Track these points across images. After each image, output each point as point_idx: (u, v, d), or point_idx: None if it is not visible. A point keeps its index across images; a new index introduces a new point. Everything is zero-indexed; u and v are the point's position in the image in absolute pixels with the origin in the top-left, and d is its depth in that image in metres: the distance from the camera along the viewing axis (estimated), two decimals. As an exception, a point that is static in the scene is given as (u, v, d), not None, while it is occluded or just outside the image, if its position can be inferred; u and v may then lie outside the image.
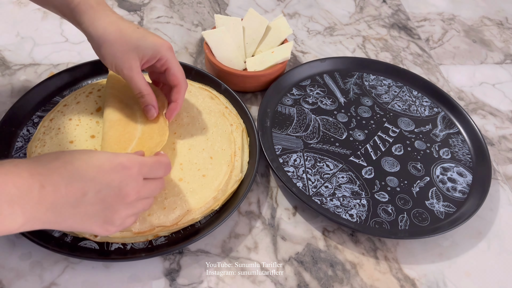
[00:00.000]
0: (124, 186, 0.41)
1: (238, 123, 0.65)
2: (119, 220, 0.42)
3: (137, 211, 0.44)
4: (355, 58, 0.80)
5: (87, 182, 0.40)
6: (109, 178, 0.41)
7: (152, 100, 0.55)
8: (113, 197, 0.41)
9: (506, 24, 1.01)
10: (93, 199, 0.40)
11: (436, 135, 0.70)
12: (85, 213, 0.40)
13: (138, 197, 0.43)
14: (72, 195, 0.39)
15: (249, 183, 0.57)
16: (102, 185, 0.40)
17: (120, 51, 0.52)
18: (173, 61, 0.55)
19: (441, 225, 0.58)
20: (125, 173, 0.41)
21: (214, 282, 0.51)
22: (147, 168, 0.44)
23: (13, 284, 0.49)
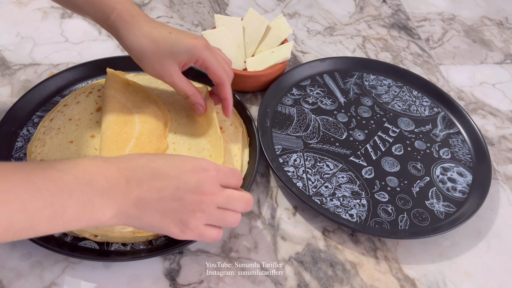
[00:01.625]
0: (200, 185, 0.43)
1: (238, 123, 0.65)
2: (195, 222, 0.43)
3: (215, 219, 0.44)
4: (355, 58, 0.80)
5: (167, 180, 0.42)
6: (188, 177, 0.42)
7: (198, 99, 0.57)
8: (189, 195, 0.42)
9: (506, 24, 1.01)
10: (172, 195, 0.41)
11: (436, 135, 0.70)
12: (164, 210, 0.42)
13: (215, 201, 0.43)
14: (153, 191, 0.41)
15: (249, 183, 0.57)
16: (181, 183, 0.42)
17: (157, 62, 0.53)
18: (211, 59, 0.54)
19: (441, 225, 0.58)
20: (203, 174, 0.43)
21: (214, 282, 0.51)
22: (223, 173, 0.45)
23: (13, 284, 0.49)
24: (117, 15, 0.53)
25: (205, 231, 0.44)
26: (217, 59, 0.55)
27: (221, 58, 0.57)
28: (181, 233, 0.43)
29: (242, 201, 0.46)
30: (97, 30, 0.81)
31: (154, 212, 0.41)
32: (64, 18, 0.82)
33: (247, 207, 0.46)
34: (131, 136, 0.56)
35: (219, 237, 0.45)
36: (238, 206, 0.46)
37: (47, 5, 0.84)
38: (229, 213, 0.45)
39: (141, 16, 0.54)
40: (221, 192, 0.44)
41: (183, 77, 0.56)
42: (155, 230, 0.43)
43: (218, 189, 0.44)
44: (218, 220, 0.45)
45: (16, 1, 0.84)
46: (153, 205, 0.41)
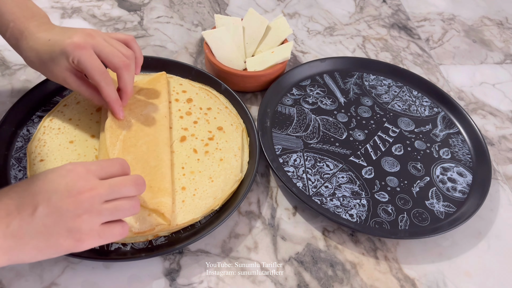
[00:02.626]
0: (72, 186, 0.39)
1: (238, 123, 0.65)
2: (87, 226, 0.39)
3: (108, 214, 0.40)
4: (355, 58, 0.80)
5: (35, 195, 0.38)
6: (55, 184, 0.39)
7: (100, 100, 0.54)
8: (65, 200, 0.38)
9: (506, 24, 1.01)
10: (46, 209, 0.38)
11: (436, 135, 0.70)
12: (44, 228, 0.37)
13: (97, 195, 0.39)
14: (25, 213, 0.37)
15: (249, 183, 0.57)
16: (50, 192, 0.38)
17: (48, 71, 0.52)
18: (86, 62, 0.49)
19: (441, 225, 0.58)
20: (71, 175, 0.39)
21: (214, 282, 0.51)
22: (95, 166, 0.41)
23: (13, 284, 0.49)
24: (10, 34, 0.52)
25: (104, 230, 0.40)
26: (93, 61, 0.49)
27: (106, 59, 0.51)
28: (77, 243, 0.39)
29: (129, 183, 0.42)
30: (97, 30, 0.81)
31: (36, 234, 0.37)
32: (64, 18, 0.82)
33: (139, 188, 0.42)
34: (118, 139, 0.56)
35: (125, 230, 0.42)
36: (127, 191, 0.41)
37: (47, 5, 0.84)
38: (122, 202, 0.41)
39: (29, 28, 0.52)
40: (101, 184, 0.40)
41: (78, 81, 0.52)
42: (48, 254, 0.38)
43: (95, 183, 0.40)
44: (112, 214, 0.40)
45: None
46: (30, 228, 0.37)
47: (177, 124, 0.63)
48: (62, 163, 0.55)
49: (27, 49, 0.52)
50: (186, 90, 0.67)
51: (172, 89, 0.67)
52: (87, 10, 0.84)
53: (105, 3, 0.86)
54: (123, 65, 0.51)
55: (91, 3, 0.85)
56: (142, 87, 0.64)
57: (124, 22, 0.83)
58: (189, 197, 0.55)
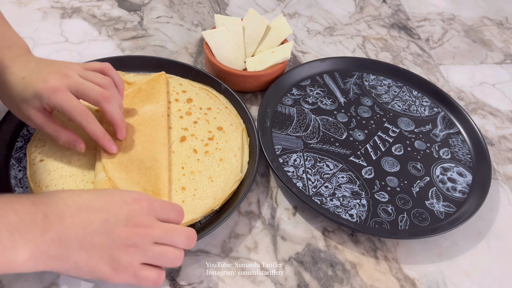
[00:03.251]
0: (132, 216, 0.39)
1: (238, 123, 0.65)
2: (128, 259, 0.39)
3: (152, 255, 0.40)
4: (355, 58, 0.80)
5: (94, 212, 0.38)
6: (117, 209, 0.39)
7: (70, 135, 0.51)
8: (121, 227, 0.38)
9: (506, 24, 1.01)
10: (99, 229, 0.37)
11: (436, 135, 0.70)
12: (91, 246, 0.37)
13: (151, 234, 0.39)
14: (77, 225, 0.37)
15: (249, 183, 0.57)
16: (110, 215, 0.38)
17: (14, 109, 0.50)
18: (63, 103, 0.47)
19: (441, 225, 0.58)
20: (135, 205, 0.40)
21: (214, 282, 0.51)
22: (158, 205, 0.41)
23: (13, 284, 0.49)
24: None
25: (141, 271, 0.39)
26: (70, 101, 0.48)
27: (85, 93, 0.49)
28: (112, 272, 0.38)
29: (183, 234, 0.42)
30: (97, 30, 0.81)
31: (79, 250, 0.37)
32: (64, 18, 0.82)
33: (189, 242, 0.42)
34: None
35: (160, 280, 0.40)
36: (179, 241, 0.41)
37: (47, 5, 0.84)
38: (169, 249, 0.41)
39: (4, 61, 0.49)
40: (158, 225, 0.40)
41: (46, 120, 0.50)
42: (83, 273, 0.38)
43: (153, 222, 0.40)
44: (156, 257, 0.40)
45: (16, 1, 0.84)
46: (77, 241, 0.37)
47: (177, 124, 0.63)
48: (62, 163, 0.55)
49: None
50: (186, 90, 0.67)
51: (172, 89, 0.67)
52: (87, 10, 0.84)
53: (105, 3, 0.86)
54: (102, 98, 0.50)
55: (91, 3, 0.85)
56: (141, 87, 0.64)
57: (124, 22, 0.83)
58: (189, 197, 0.55)
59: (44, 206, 0.36)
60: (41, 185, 0.53)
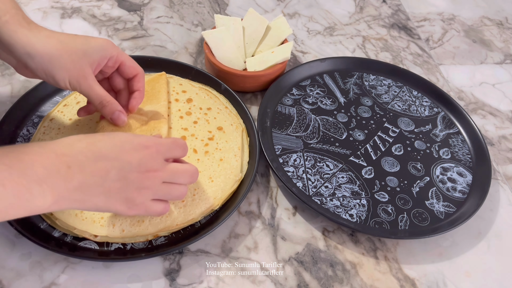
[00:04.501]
0: (143, 163, 0.43)
1: (238, 123, 0.65)
2: (141, 198, 0.44)
3: (161, 193, 0.45)
4: (355, 58, 0.80)
5: (110, 161, 0.42)
6: (130, 157, 0.43)
7: (117, 105, 0.53)
8: (134, 174, 0.43)
9: (506, 24, 1.01)
10: (116, 176, 0.42)
11: (436, 135, 0.70)
12: (109, 191, 0.42)
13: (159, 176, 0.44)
14: (97, 174, 0.41)
15: (249, 183, 0.57)
16: (124, 163, 0.42)
17: (69, 62, 0.48)
18: (124, 55, 0.54)
19: (441, 225, 0.58)
20: (145, 152, 0.44)
21: (214, 282, 0.51)
22: (165, 147, 0.46)
23: (13, 284, 0.49)
24: (11, 17, 0.47)
25: (151, 206, 0.45)
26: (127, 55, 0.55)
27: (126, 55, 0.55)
28: (127, 209, 0.44)
29: (187, 174, 0.47)
30: (97, 30, 0.81)
31: (99, 194, 0.42)
32: (64, 18, 0.82)
33: (192, 179, 0.48)
34: None
35: (166, 210, 0.47)
36: (183, 179, 0.47)
37: (47, 5, 0.84)
38: (175, 187, 0.46)
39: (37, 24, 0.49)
40: (165, 167, 0.45)
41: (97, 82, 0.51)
42: (100, 210, 0.44)
43: (162, 165, 0.45)
44: (164, 195, 0.46)
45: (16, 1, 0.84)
46: (97, 188, 0.41)
47: (177, 124, 0.63)
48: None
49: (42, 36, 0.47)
50: (186, 90, 0.67)
51: (172, 89, 0.67)
52: (87, 10, 0.84)
53: (105, 3, 0.86)
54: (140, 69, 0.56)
55: (91, 3, 0.85)
56: None
57: (124, 22, 0.83)
58: (189, 197, 0.55)
59: (66, 158, 0.40)
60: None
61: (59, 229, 0.52)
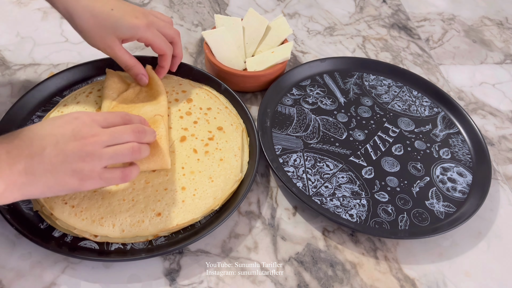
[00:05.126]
0: (77, 131, 0.43)
1: (238, 123, 0.65)
2: (89, 168, 0.43)
3: (108, 157, 0.44)
4: (355, 58, 0.80)
5: (44, 139, 0.43)
6: (63, 129, 0.43)
7: (141, 69, 0.61)
8: (71, 144, 0.43)
9: (506, 24, 1.01)
10: (53, 151, 0.42)
11: (436, 135, 0.70)
12: (52, 167, 0.42)
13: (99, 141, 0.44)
14: (34, 153, 0.42)
15: (249, 183, 0.57)
16: (58, 136, 0.43)
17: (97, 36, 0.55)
18: (153, 38, 0.58)
19: (441, 225, 0.58)
20: (77, 122, 0.44)
21: (214, 282, 0.51)
22: (101, 117, 0.46)
23: (13, 284, 0.49)
24: None
25: (105, 173, 0.45)
26: (158, 36, 0.59)
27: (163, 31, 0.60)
28: (81, 182, 0.43)
29: (128, 131, 0.47)
30: (97, 30, 0.80)
31: (44, 173, 0.42)
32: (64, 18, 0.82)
33: (138, 135, 0.47)
34: None
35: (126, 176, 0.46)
36: (126, 137, 0.46)
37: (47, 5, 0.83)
38: (120, 147, 0.45)
39: None
40: (103, 131, 0.45)
41: (124, 50, 0.58)
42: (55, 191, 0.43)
43: (98, 130, 0.45)
44: (112, 157, 0.45)
45: (16, 1, 0.84)
46: (40, 166, 0.42)
47: (177, 124, 0.63)
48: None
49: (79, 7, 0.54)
50: (186, 90, 0.67)
51: (172, 89, 0.67)
52: (87, 10, 0.84)
53: (105, 3, 0.86)
54: (177, 34, 0.62)
55: (91, 3, 0.85)
56: (141, 88, 0.64)
57: (124, 22, 0.83)
58: (189, 197, 0.55)
59: (4, 144, 0.41)
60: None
61: (59, 229, 0.52)
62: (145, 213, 0.53)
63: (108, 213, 0.52)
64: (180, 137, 0.61)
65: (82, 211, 0.51)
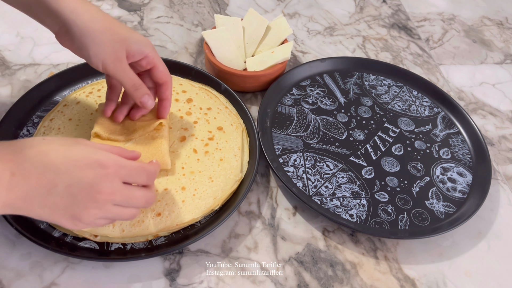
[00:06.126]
0: (96, 184, 0.40)
1: (238, 123, 0.65)
2: (88, 218, 0.41)
3: (110, 215, 0.42)
4: (355, 58, 0.80)
5: (59, 175, 0.39)
6: (82, 174, 0.40)
7: (147, 90, 0.53)
8: (83, 194, 0.40)
9: (506, 24, 1.01)
10: (63, 192, 0.39)
11: (436, 135, 0.70)
12: (53, 205, 0.39)
13: (112, 200, 0.41)
14: (42, 186, 0.39)
15: (249, 183, 0.57)
16: (74, 180, 0.39)
17: (110, 41, 0.48)
18: (159, 59, 0.53)
19: (441, 225, 0.58)
20: (100, 171, 0.40)
21: (214, 282, 0.51)
22: (126, 171, 0.42)
23: (13, 284, 0.49)
24: None
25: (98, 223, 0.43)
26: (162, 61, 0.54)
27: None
28: (73, 225, 0.41)
29: (142, 199, 0.44)
30: (97, 30, 0.80)
31: (43, 207, 0.39)
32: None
33: (146, 205, 0.45)
34: None
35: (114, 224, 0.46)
36: (136, 204, 0.44)
37: (47, 5, 0.83)
38: (126, 210, 0.43)
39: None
40: (120, 191, 0.42)
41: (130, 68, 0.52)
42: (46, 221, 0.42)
43: (117, 188, 0.41)
44: (113, 216, 0.43)
45: None
46: (41, 200, 0.39)
47: (177, 124, 0.63)
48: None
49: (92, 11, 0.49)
50: (186, 90, 0.67)
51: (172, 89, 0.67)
52: (87, 10, 0.84)
53: (105, 3, 0.86)
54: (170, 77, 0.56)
55: (91, 3, 0.85)
56: None
57: (124, 22, 0.83)
58: (189, 197, 0.55)
59: (11, 163, 0.38)
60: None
61: (59, 229, 0.52)
62: (145, 213, 0.53)
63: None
64: (180, 137, 0.61)
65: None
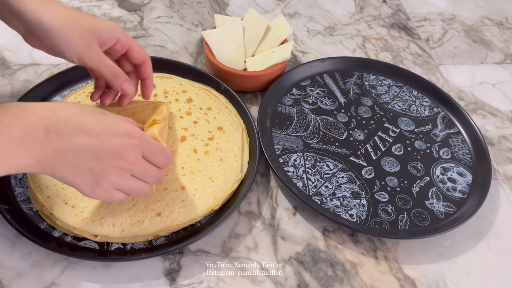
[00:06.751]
0: (122, 152, 0.42)
1: (238, 123, 0.65)
2: (108, 184, 0.43)
3: (127, 186, 0.44)
4: (355, 58, 0.80)
5: (90, 137, 0.41)
6: (111, 140, 0.42)
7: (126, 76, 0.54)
8: (109, 158, 0.42)
9: (506, 24, 1.01)
10: (90, 154, 0.41)
11: (436, 135, 0.70)
12: (79, 166, 0.41)
13: (132, 169, 0.44)
14: (74, 145, 0.40)
15: (249, 183, 0.57)
16: (103, 144, 0.42)
17: (77, 34, 0.49)
18: (132, 40, 0.53)
19: (441, 225, 0.58)
20: (126, 141, 0.43)
21: (214, 282, 0.51)
22: (149, 146, 0.45)
23: (13, 284, 0.49)
24: None
25: (114, 194, 0.44)
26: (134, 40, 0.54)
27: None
28: (91, 192, 0.43)
29: (155, 176, 0.46)
30: (97, 30, 0.80)
31: (69, 166, 0.41)
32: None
33: (157, 181, 0.47)
34: None
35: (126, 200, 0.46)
36: (150, 179, 0.46)
37: (47, 5, 0.83)
38: (140, 184, 0.45)
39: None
40: (140, 164, 0.44)
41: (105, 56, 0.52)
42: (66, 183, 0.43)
43: (138, 159, 0.44)
44: (129, 188, 0.45)
45: None
46: (70, 159, 0.40)
47: (177, 124, 0.63)
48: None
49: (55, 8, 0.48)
50: (186, 90, 0.67)
51: (172, 89, 0.67)
52: (87, 10, 0.84)
53: (105, 3, 0.86)
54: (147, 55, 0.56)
55: (91, 3, 0.85)
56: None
57: (124, 22, 0.83)
58: (189, 197, 0.55)
59: (46, 121, 0.39)
60: (41, 185, 0.53)
61: (59, 229, 0.52)
62: (145, 213, 0.53)
63: (108, 213, 0.52)
64: (180, 137, 0.61)
65: (82, 211, 0.52)
